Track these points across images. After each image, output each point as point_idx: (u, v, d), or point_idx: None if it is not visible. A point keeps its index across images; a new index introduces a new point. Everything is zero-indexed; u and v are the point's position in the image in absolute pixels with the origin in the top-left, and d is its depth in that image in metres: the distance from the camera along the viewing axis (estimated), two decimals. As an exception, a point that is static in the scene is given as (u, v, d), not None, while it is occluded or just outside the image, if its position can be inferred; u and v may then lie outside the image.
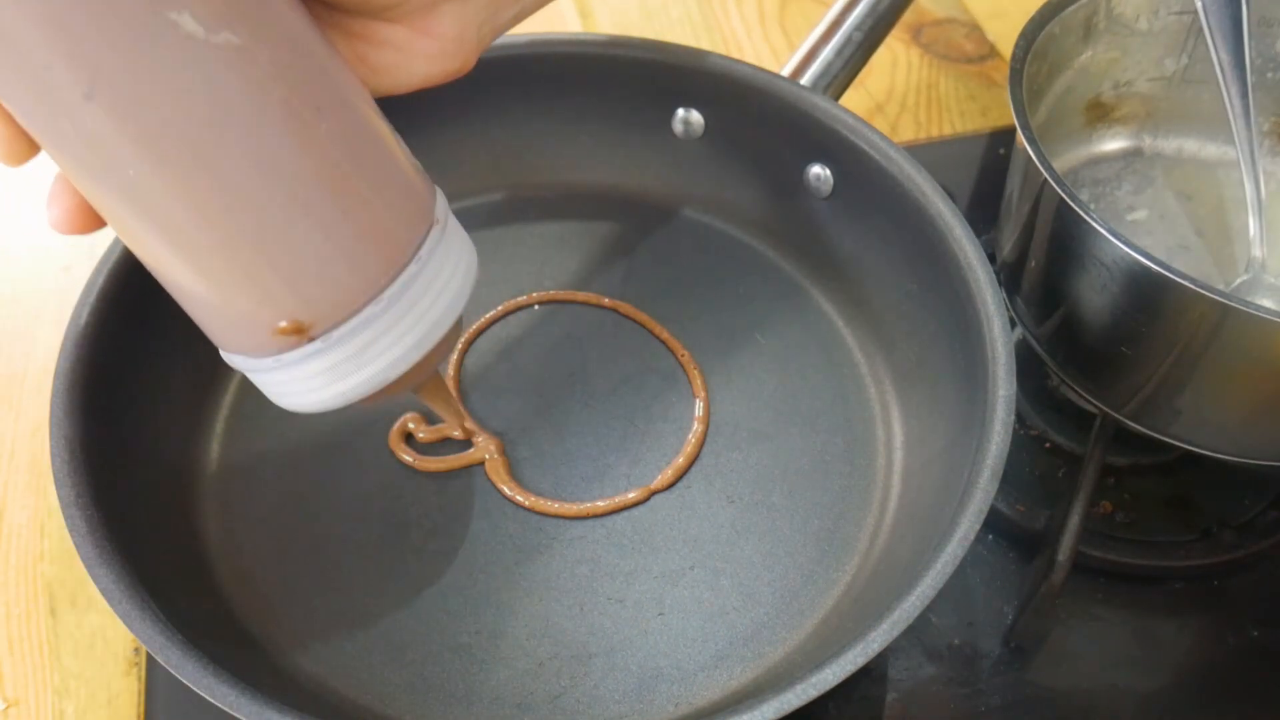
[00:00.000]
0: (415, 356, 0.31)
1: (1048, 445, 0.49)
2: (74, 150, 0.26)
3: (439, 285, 0.31)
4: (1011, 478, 0.45)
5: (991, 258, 0.43)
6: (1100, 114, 0.51)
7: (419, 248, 0.30)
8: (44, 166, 0.28)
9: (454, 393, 0.40)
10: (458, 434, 0.44)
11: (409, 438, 0.44)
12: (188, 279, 0.29)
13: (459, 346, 0.47)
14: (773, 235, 0.51)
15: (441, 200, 0.32)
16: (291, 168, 0.27)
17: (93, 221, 0.29)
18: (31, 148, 0.27)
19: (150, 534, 0.38)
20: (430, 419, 0.45)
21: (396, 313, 0.30)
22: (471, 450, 0.44)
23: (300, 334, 0.29)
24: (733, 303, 0.49)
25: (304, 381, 0.31)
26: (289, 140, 0.27)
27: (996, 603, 0.45)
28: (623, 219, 0.52)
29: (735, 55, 0.55)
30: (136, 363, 0.41)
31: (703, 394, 0.46)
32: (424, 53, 0.31)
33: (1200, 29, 0.44)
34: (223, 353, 0.32)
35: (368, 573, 0.41)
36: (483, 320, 0.48)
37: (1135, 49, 0.48)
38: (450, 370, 0.46)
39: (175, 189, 0.26)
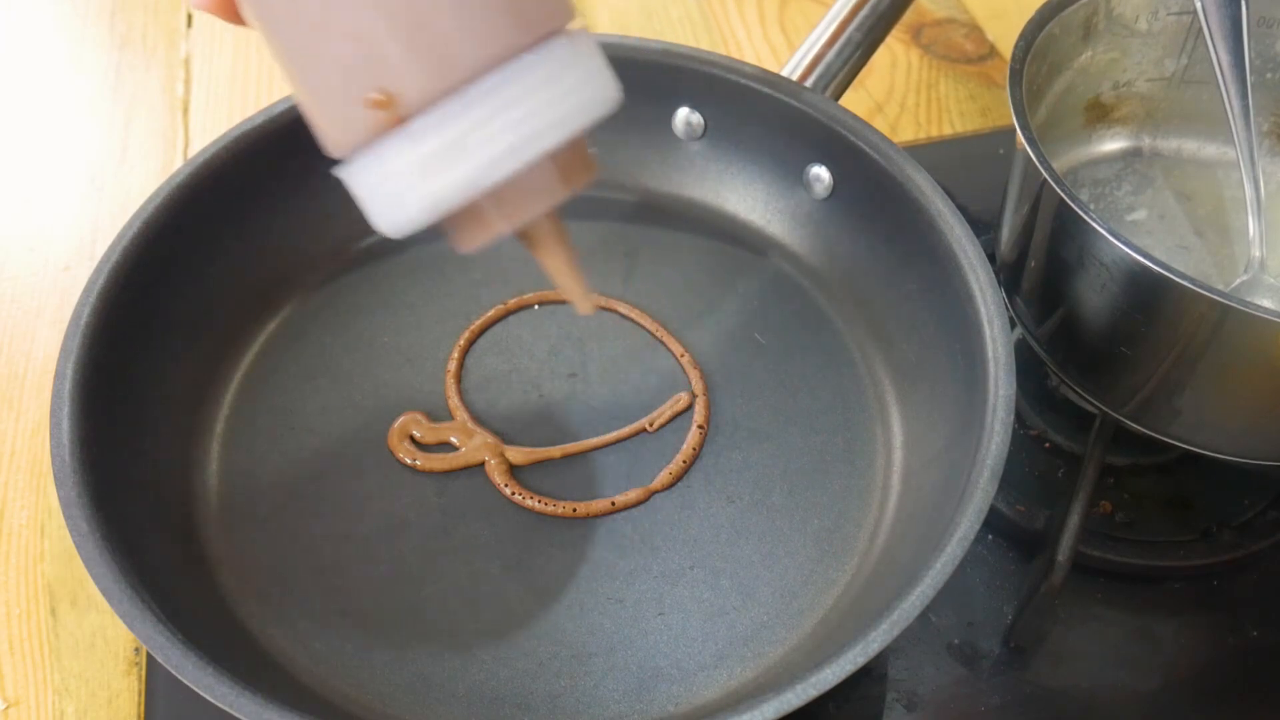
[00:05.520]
0: (516, 161, 0.28)
1: (1048, 445, 0.49)
2: None
3: (555, 88, 0.28)
4: (1011, 478, 0.45)
5: (991, 258, 0.43)
6: (1100, 114, 0.51)
7: (541, 43, 0.28)
8: (41, 168, 0.28)
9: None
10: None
11: (409, 438, 0.44)
12: (289, 33, 0.28)
13: (460, 343, 0.47)
14: (773, 235, 0.51)
15: (583, 29, 0.29)
16: None
17: (229, 10, 0.28)
18: None
19: (150, 534, 0.38)
20: (432, 417, 0.45)
21: (498, 103, 0.27)
22: (472, 450, 0.44)
23: (390, 110, 0.27)
24: (733, 303, 0.49)
25: (395, 182, 0.28)
26: None
27: (996, 603, 0.45)
28: (623, 219, 0.52)
29: (735, 55, 0.55)
30: (136, 363, 0.41)
31: (703, 394, 0.46)
32: None
33: (1200, 29, 0.44)
34: (335, 169, 0.30)
35: (368, 573, 0.41)
36: (482, 320, 0.48)
37: (1135, 49, 0.48)
38: (451, 368, 0.46)
39: None
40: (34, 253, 0.58)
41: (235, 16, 0.29)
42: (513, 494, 0.43)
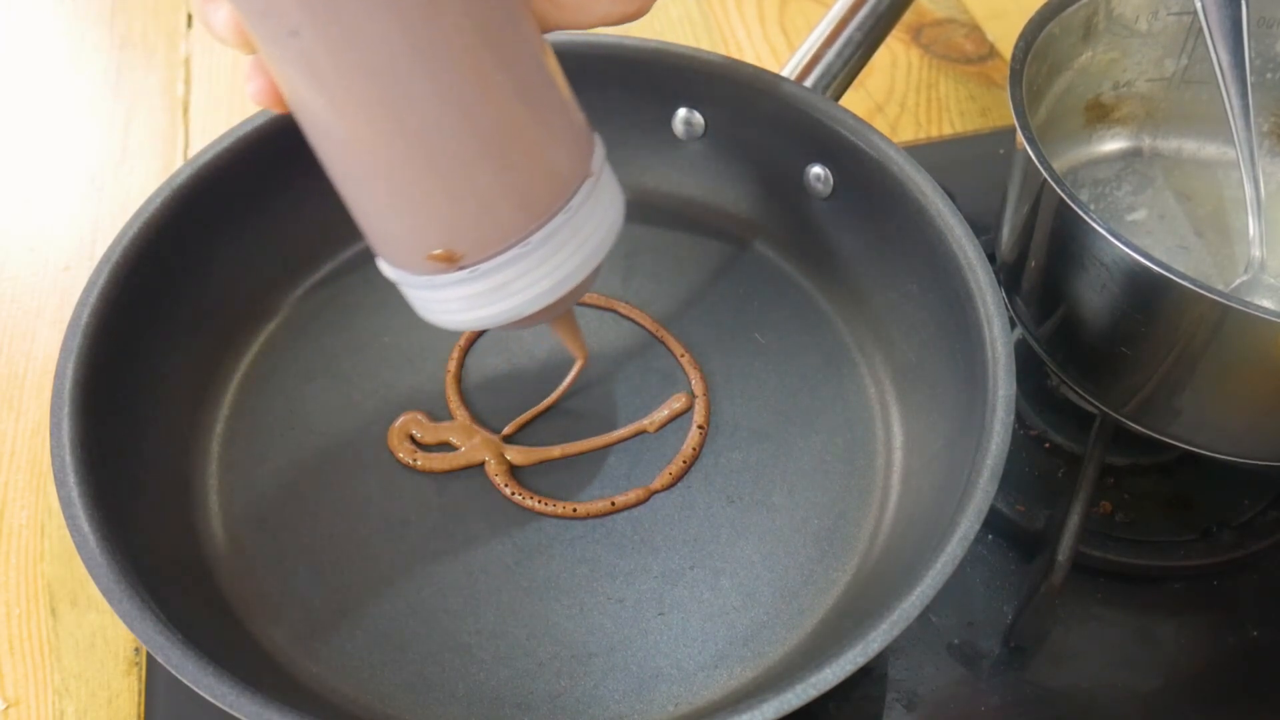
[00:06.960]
0: (549, 299, 0.33)
1: (1048, 445, 0.49)
2: (279, 66, 0.29)
3: (583, 236, 0.33)
4: (1011, 478, 0.45)
5: (991, 258, 0.43)
6: (1100, 114, 0.51)
7: (571, 198, 0.32)
8: (41, 168, 0.28)
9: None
10: (574, 366, 0.45)
11: (409, 438, 0.44)
12: (353, 192, 0.32)
13: (460, 344, 0.47)
14: (773, 235, 0.51)
15: (599, 151, 0.34)
16: (467, 114, 0.29)
17: (284, 104, 0.31)
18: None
19: (150, 534, 0.38)
20: (432, 417, 0.45)
21: (540, 257, 0.32)
22: (472, 450, 0.44)
23: (450, 262, 0.32)
24: (732, 303, 0.49)
25: (446, 303, 0.33)
26: (469, 89, 0.29)
27: (996, 603, 0.45)
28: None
29: (735, 55, 0.55)
30: (136, 363, 0.41)
31: (703, 394, 0.46)
32: None
33: (1200, 29, 0.44)
34: (377, 260, 0.34)
35: (368, 573, 0.41)
36: (483, 320, 0.48)
37: (1135, 49, 0.48)
38: (451, 368, 0.46)
39: (357, 121, 0.29)
40: (34, 253, 0.58)
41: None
42: (513, 494, 0.43)
